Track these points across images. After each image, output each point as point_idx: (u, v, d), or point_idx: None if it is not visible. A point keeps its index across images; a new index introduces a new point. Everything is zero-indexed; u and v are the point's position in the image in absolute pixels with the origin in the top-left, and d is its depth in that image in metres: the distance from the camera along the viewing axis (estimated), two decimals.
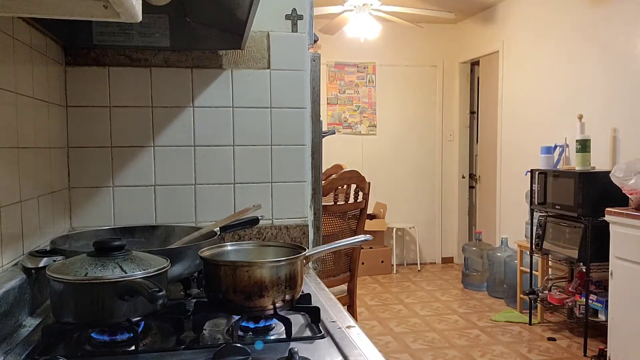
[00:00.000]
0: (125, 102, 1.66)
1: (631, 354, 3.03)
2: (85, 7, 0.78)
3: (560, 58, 4.47)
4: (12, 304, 1.07)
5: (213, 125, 1.71)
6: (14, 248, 1.20)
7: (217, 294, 1.08)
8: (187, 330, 1.04)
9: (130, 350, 0.98)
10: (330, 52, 5.93)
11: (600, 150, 3.90)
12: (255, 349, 0.97)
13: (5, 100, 1.17)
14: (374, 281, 5.52)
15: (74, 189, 1.64)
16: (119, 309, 0.96)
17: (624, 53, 3.77)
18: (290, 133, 1.76)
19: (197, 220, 1.71)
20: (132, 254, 1.05)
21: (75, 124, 1.63)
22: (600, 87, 4.00)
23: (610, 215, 3.18)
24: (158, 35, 1.58)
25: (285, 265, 1.07)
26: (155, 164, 1.68)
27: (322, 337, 1.04)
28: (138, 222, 1.63)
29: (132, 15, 0.77)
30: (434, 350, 3.74)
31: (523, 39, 5.04)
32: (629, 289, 3.04)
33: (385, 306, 4.72)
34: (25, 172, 1.26)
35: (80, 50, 1.62)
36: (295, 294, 1.10)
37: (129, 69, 1.65)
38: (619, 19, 3.82)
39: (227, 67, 1.71)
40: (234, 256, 1.19)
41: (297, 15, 1.74)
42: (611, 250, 3.18)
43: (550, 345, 3.70)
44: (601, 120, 3.94)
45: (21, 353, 0.97)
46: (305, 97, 1.78)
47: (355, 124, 6.32)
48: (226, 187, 1.73)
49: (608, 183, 3.27)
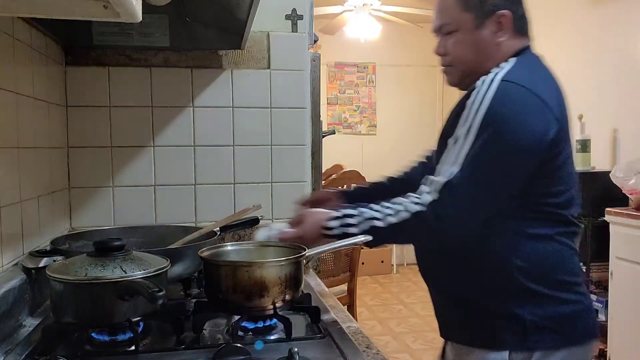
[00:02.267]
0: (125, 102, 1.66)
1: (631, 354, 3.02)
2: (85, 7, 0.78)
3: (560, 58, 4.47)
4: (12, 304, 1.07)
5: (213, 125, 1.71)
6: (14, 248, 1.20)
7: (217, 294, 1.08)
8: (187, 330, 1.04)
9: (130, 350, 0.98)
10: (330, 52, 5.92)
11: (600, 150, 3.90)
12: (255, 349, 0.97)
13: (5, 100, 1.16)
14: (374, 281, 5.52)
15: (74, 189, 1.64)
16: (119, 309, 0.96)
17: (624, 53, 3.77)
18: (290, 133, 1.76)
19: (197, 220, 1.71)
20: (132, 254, 1.05)
21: (75, 124, 1.63)
22: (600, 87, 4.00)
23: (610, 215, 3.18)
24: (158, 35, 1.58)
25: (285, 265, 1.07)
26: (155, 164, 1.68)
27: (322, 337, 1.04)
28: (138, 222, 1.63)
29: (132, 15, 0.77)
30: (434, 350, 3.73)
31: None
32: (629, 289, 3.03)
33: (385, 306, 4.72)
34: (25, 172, 1.26)
35: (80, 50, 1.62)
36: (295, 294, 1.09)
37: (129, 69, 1.65)
38: (619, 19, 3.82)
39: (227, 67, 1.71)
40: (234, 256, 1.19)
41: (297, 15, 1.74)
42: (611, 250, 3.18)
43: None
44: (601, 120, 3.94)
45: (21, 353, 0.97)
46: (305, 97, 1.78)
47: (355, 124, 6.32)
48: (226, 187, 1.73)
49: (608, 183, 3.27)
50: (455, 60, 1.23)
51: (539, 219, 1.15)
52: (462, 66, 1.22)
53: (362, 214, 1.13)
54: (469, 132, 1.09)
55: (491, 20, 1.18)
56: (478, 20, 1.18)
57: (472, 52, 1.20)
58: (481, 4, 1.17)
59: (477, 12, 1.18)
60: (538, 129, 1.09)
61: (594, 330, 1.20)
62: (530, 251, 1.14)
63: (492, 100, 1.09)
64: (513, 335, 1.13)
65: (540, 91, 1.11)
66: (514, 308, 1.13)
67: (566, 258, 1.18)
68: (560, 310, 1.15)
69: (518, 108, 1.09)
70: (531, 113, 1.09)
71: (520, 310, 1.13)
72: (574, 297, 1.17)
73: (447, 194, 1.08)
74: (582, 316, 1.18)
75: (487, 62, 1.18)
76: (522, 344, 1.13)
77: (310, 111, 1.80)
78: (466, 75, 1.22)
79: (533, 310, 1.13)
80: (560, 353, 1.14)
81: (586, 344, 1.19)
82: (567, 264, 1.18)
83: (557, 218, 1.17)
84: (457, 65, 1.23)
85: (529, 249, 1.14)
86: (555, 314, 1.14)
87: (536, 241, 1.15)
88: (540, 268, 1.14)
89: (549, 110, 1.10)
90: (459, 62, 1.22)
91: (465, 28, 1.19)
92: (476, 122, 1.09)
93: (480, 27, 1.18)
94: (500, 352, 1.14)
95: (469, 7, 1.18)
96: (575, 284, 1.18)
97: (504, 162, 1.09)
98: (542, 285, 1.14)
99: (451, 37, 1.21)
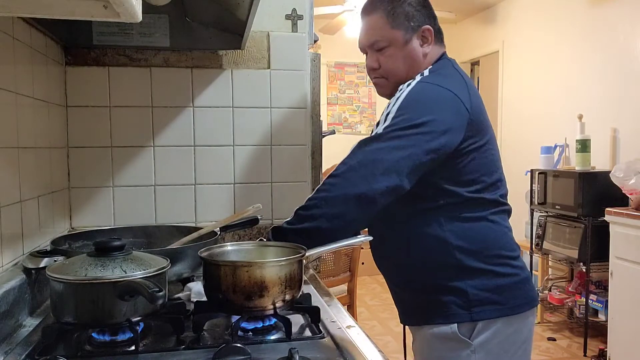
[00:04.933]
0: (125, 102, 1.66)
1: (631, 354, 3.03)
2: (85, 7, 0.77)
3: (560, 58, 4.47)
4: (12, 304, 1.07)
5: (213, 125, 1.71)
6: (14, 248, 1.20)
7: (217, 294, 1.08)
8: (187, 330, 1.04)
9: (130, 350, 0.98)
10: (330, 52, 5.92)
11: (600, 150, 3.90)
12: (255, 349, 0.97)
13: (5, 100, 1.16)
14: (374, 281, 5.52)
15: (74, 189, 1.64)
16: (119, 309, 0.96)
17: (624, 53, 3.77)
18: (290, 133, 1.76)
19: (197, 220, 1.71)
20: (132, 254, 1.05)
21: (75, 124, 1.63)
22: (600, 87, 4.00)
23: (610, 215, 3.18)
24: (158, 35, 1.58)
25: (285, 265, 1.07)
26: (155, 164, 1.68)
27: (322, 337, 1.04)
28: (138, 222, 1.63)
29: (132, 15, 0.77)
30: None
31: (523, 39, 5.04)
32: (629, 289, 3.03)
33: (385, 306, 4.71)
34: (25, 172, 1.26)
35: (80, 50, 1.62)
36: (295, 294, 1.09)
37: (129, 69, 1.65)
38: (619, 19, 3.82)
39: (227, 67, 1.71)
40: (234, 256, 1.19)
41: (297, 15, 1.74)
42: (611, 250, 3.18)
43: (550, 345, 3.71)
44: (601, 120, 3.94)
45: (21, 353, 0.97)
46: (305, 97, 1.78)
47: (355, 124, 6.32)
48: (226, 187, 1.73)
49: (608, 183, 3.27)
50: (389, 73, 1.37)
51: (469, 205, 1.28)
52: (394, 78, 1.36)
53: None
54: (386, 119, 1.23)
55: (417, 35, 1.35)
56: (407, 35, 1.34)
57: (403, 64, 1.35)
58: (407, 22, 1.33)
59: (406, 29, 1.33)
60: (450, 116, 1.23)
61: (531, 300, 1.33)
62: (467, 231, 1.27)
63: (407, 94, 1.24)
64: (458, 308, 1.26)
65: (451, 87, 1.26)
66: (458, 283, 1.27)
67: (500, 235, 1.32)
68: (499, 283, 1.28)
69: (431, 99, 1.25)
70: (443, 102, 1.24)
71: (464, 285, 1.26)
72: (511, 270, 1.30)
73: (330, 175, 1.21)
74: (520, 287, 1.31)
75: (415, 72, 1.34)
76: (467, 316, 1.26)
77: (310, 111, 1.80)
78: (397, 85, 1.33)
79: (474, 284, 1.26)
80: (501, 321, 1.27)
81: (525, 312, 1.31)
82: (501, 240, 1.32)
83: (487, 201, 1.30)
84: (390, 77, 1.37)
85: (465, 229, 1.27)
86: (494, 286, 1.27)
87: (471, 222, 1.28)
88: (477, 245, 1.27)
89: (460, 102, 1.25)
90: (392, 74, 1.36)
91: (396, 44, 1.34)
92: (393, 110, 1.23)
93: (409, 42, 1.34)
94: (449, 325, 1.27)
95: (398, 25, 1.33)
96: (512, 258, 1.31)
97: (409, 136, 1.20)
98: (480, 261, 1.27)
99: (383, 53, 1.35)
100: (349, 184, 1.18)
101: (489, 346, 1.27)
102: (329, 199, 1.18)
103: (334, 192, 1.19)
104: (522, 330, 1.32)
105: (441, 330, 1.28)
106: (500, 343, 1.27)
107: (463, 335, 1.26)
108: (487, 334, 1.26)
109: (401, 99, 1.24)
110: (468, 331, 1.27)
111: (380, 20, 1.34)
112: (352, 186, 1.17)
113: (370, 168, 1.18)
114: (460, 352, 1.27)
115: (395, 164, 1.18)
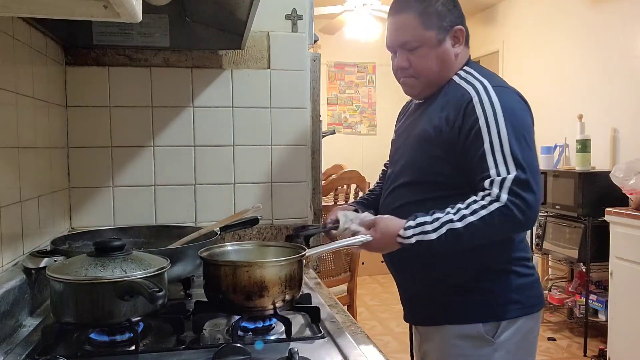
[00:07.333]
0: (125, 102, 1.66)
1: (631, 354, 3.03)
2: (85, 7, 0.78)
3: (560, 58, 4.47)
4: (12, 304, 1.07)
5: (213, 125, 1.71)
6: (14, 248, 1.20)
7: (217, 294, 1.08)
8: (187, 330, 1.04)
9: (130, 350, 0.98)
10: (330, 52, 5.92)
11: (600, 150, 3.90)
12: (255, 349, 0.97)
13: (5, 100, 1.16)
14: (374, 281, 5.52)
15: (74, 189, 1.64)
16: (119, 309, 0.96)
17: (624, 53, 3.77)
18: (290, 133, 1.76)
19: (197, 220, 1.71)
20: (132, 254, 1.05)
21: (75, 124, 1.63)
22: (600, 87, 4.00)
23: (610, 215, 3.18)
24: (158, 35, 1.58)
25: (285, 265, 1.07)
26: (155, 164, 1.68)
27: (322, 337, 1.04)
28: (138, 222, 1.63)
29: (132, 15, 0.77)
30: None
31: (523, 39, 5.04)
32: (629, 289, 3.03)
33: (385, 306, 4.71)
34: (25, 172, 1.26)
35: (80, 50, 1.62)
36: (295, 294, 1.10)
37: (129, 69, 1.65)
38: (619, 19, 3.82)
39: (227, 67, 1.71)
40: (234, 256, 1.19)
41: (297, 15, 1.74)
42: (611, 250, 3.18)
43: (550, 345, 3.71)
44: (601, 120, 3.94)
45: (21, 353, 0.97)
46: (305, 97, 1.78)
47: (355, 124, 6.32)
48: (226, 187, 1.73)
49: (608, 183, 3.27)
50: (420, 73, 1.35)
51: None
52: (425, 78, 1.35)
53: (437, 219, 1.21)
54: (500, 135, 1.22)
55: (450, 35, 1.34)
56: (440, 36, 1.33)
57: (436, 65, 1.33)
58: (440, 22, 1.32)
59: (438, 29, 1.32)
60: (531, 121, 1.32)
61: (543, 299, 1.40)
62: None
63: (500, 102, 1.25)
64: (484, 309, 1.30)
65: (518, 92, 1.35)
66: (485, 284, 1.30)
67: (522, 237, 1.38)
68: (520, 282, 1.32)
69: (518, 104, 1.31)
70: (526, 107, 1.34)
71: (491, 285, 1.30)
72: (527, 270, 1.35)
73: (521, 188, 1.19)
74: (535, 287, 1.37)
75: (447, 73, 1.34)
76: (493, 315, 1.30)
77: (310, 111, 1.80)
78: (427, 86, 1.36)
79: (501, 284, 1.30)
80: (521, 320, 1.31)
81: (539, 312, 1.37)
82: (522, 242, 1.37)
83: None
84: (421, 77, 1.36)
85: None
86: (517, 286, 1.32)
87: None
88: (502, 248, 1.31)
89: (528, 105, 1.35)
90: (424, 74, 1.35)
91: (430, 44, 1.32)
92: (501, 124, 1.23)
93: (442, 42, 1.33)
94: (475, 324, 1.29)
95: (431, 26, 1.32)
96: (527, 259, 1.36)
97: (533, 149, 1.27)
98: (507, 262, 1.32)
99: (415, 52, 1.34)
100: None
101: (509, 344, 1.30)
102: None
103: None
104: (535, 329, 1.36)
105: (465, 329, 1.30)
106: (518, 342, 1.31)
107: (487, 334, 1.29)
108: (509, 332, 1.29)
109: (498, 106, 1.24)
110: (492, 330, 1.29)
111: (412, 20, 1.32)
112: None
113: (540, 197, 1.24)
114: (482, 350, 1.29)
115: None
